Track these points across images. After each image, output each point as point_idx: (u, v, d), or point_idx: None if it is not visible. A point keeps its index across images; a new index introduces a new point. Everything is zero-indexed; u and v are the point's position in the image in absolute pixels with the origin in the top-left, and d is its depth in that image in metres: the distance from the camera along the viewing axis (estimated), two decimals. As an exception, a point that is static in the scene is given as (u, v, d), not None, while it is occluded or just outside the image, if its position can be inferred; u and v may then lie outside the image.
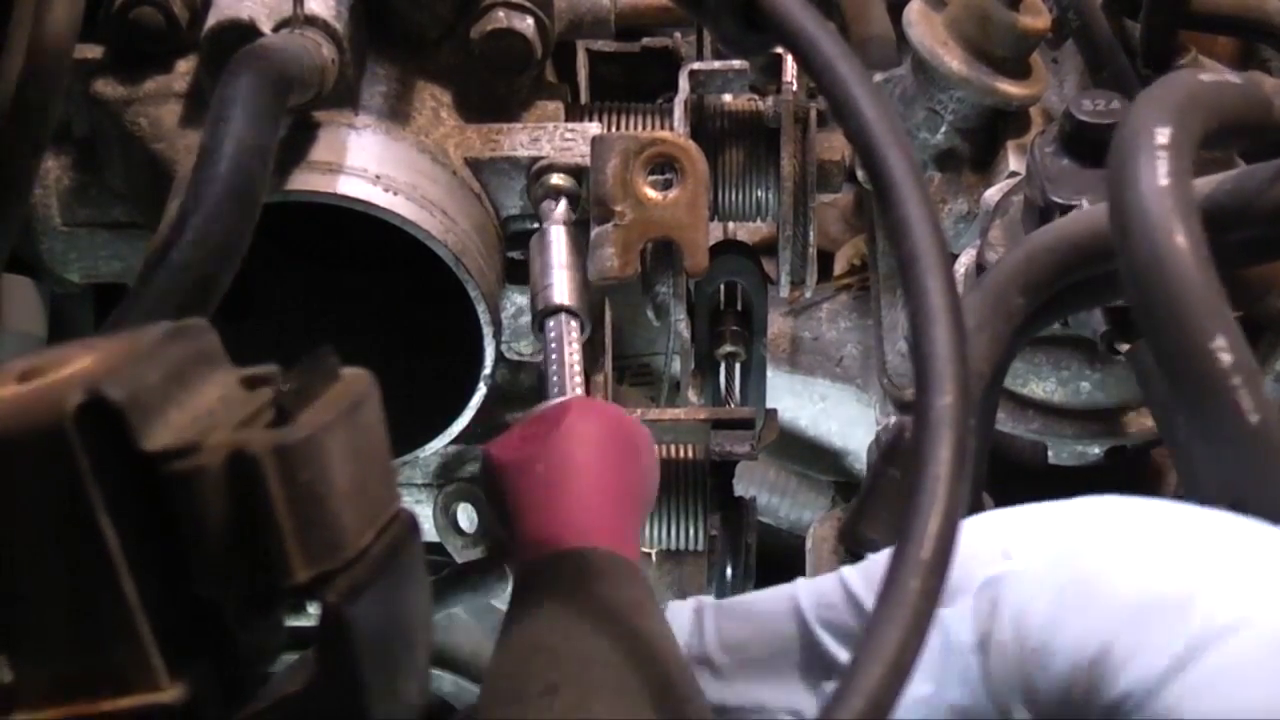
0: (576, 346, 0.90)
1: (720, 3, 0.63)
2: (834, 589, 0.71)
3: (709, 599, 0.76)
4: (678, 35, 1.15)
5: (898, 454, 0.81)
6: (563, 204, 0.96)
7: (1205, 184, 0.79)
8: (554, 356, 0.89)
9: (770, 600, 0.74)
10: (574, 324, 0.91)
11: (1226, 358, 0.66)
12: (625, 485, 0.78)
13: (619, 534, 0.74)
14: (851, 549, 0.82)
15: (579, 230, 0.97)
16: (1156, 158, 0.69)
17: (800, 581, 0.74)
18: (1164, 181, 0.69)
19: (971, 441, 0.54)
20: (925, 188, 0.58)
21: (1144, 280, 0.67)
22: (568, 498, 0.75)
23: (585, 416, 0.80)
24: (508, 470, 0.79)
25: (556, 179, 0.97)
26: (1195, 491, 0.70)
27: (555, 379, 0.89)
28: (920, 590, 0.49)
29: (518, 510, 0.77)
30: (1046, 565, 0.62)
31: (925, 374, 0.53)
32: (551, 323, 0.91)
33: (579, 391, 0.88)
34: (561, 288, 0.92)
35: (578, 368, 0.89)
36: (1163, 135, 0.70)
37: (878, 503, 0.81)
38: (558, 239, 0.94)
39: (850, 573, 0.71)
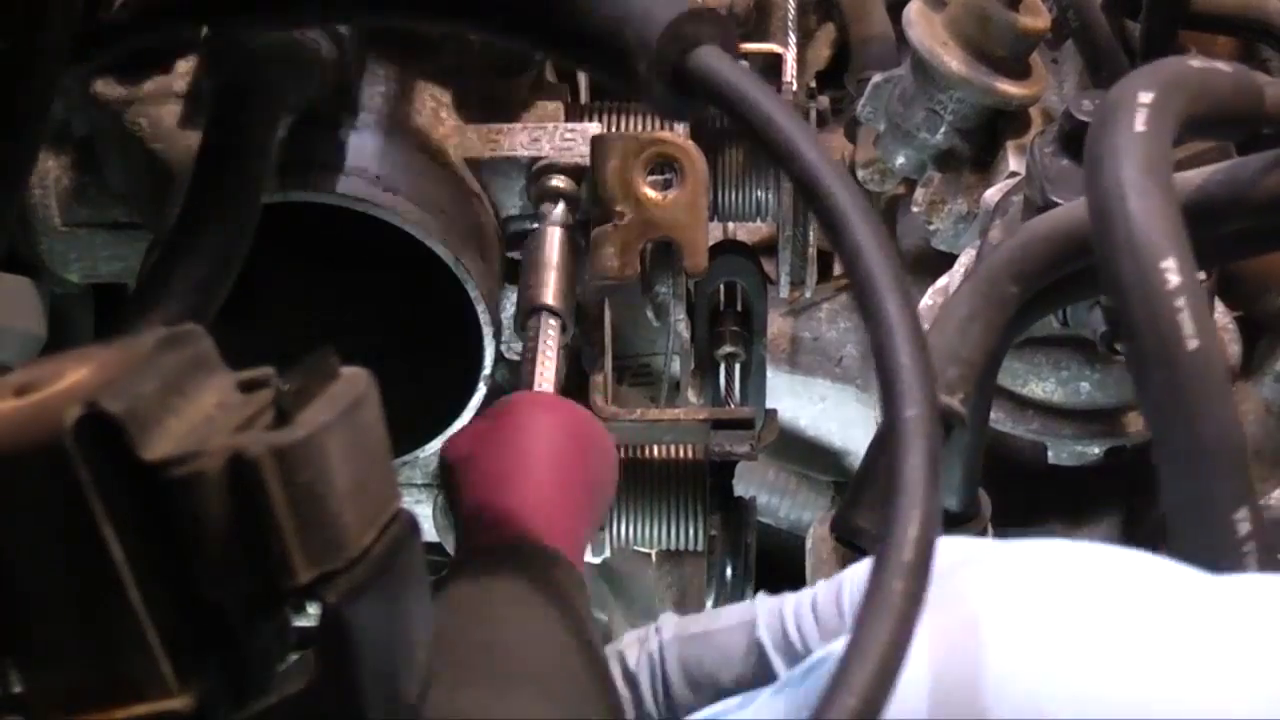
0: (554, 346, 0.90)
1: (649, 73, 0.63)
2: (799, 609, 0.70)
3: (665, 631, 0.73)
4: (678, 35, 1.15)
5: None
6: (561, 206, 0.97)
7: (1198, 175, 0.80)
8: (532, 355, 0.90)
9: (729, 628, 0.71)
10: (555, 323, 0.91)
11: (1174, 279, 0.66)
12: (571, 481, 0.77)
13: (558, 529, 0.74)
14: (843, 538, 0.82)
15: (579, 230, 0.98)
16: (1136, 111, 0.70)
17: (760, 601, 0.72)
18: (1140, 128, 0.69)
19: (941, 448, 0.54)
20: (871, 214, 0.59)
21: (1107, 207, 0.68)
22: (506, 494, 0.75)
23: (535, 413, 0.80)
24: (455, 465, 0.79)
25: (556, 181, 0.97)
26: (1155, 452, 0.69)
27: (531, 377, 0.89)
28: (904, 591, 0.49)
29: (461, 504, 0.77)
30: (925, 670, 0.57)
31: (892, 389, 0.54)
32: (533, 321, 0.91)
33: (556, 388, 0.89)
34: (547, 287, 0.92)
35: (553, 366, 0.89)
36: (1145, 97, 0.71)
37: (870, 492, 0.81)
38: (551, 240, 0.94)
39: (822, 589, 0.70)
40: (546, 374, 0.89)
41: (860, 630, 0.49)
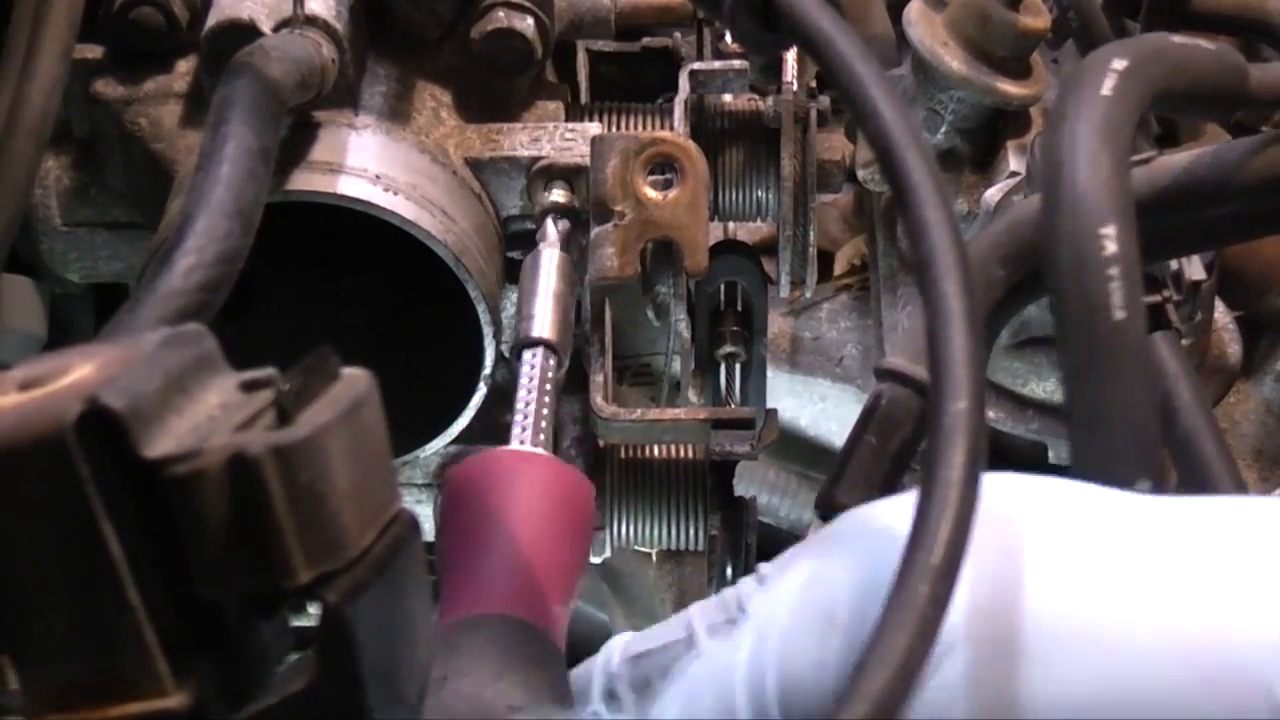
0: (547, 384, 0.88)
1: (736, 3, 0.63)
2: (744, 591, 0.66)
3: (617, 654, 0.70)
4: (678, 35, 1.15)
5: (874, 420, 0.81)
6: (560, 224, 0.96)
7: (1185, 157, 0.79)
8: (525, 393, 0.88)
9: (670, 644, 0.67)
10: (550, 360, 0.89)
11: (1111, 246, 0.65)
12: (547, 550, 0.74)
13: (531, 600, 0.72)
14: (826, 516, 0.82)
15: (580, 230, 0.97)
16: (1105, 76, 0.70)
17: (695, 606, 0.68)
18: (1105, 93, 0.69)
19: (985, 446, 0.53)
20: (944, 188, 0.57)
21: (1056, 164, 0.67)
22: (477, 565, 0.73)
23: (511, 475, 0.78)
24: (444, 522, 0.77)
25: (556, 195, 0.97)
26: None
27: (522, 418, 0.86)
28: (929, 595, 0.48)
29: (443, 565, 0.75)
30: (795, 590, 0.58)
31: (940, 378, 0.53)
32: (527, 355, 0.90)
33: (542, 434, 0.86)
34: (543, 320, 0.90)
35: (546, 408, 0.87)
36: (1118, 64, 0.71)
37: (854, 469, 0.80)
38: (549, 265, 0.93)
39: (765, 569, 0.67)
40: (539, 418, 0.86)
41: (881, 632, 0.48)
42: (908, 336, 0.87)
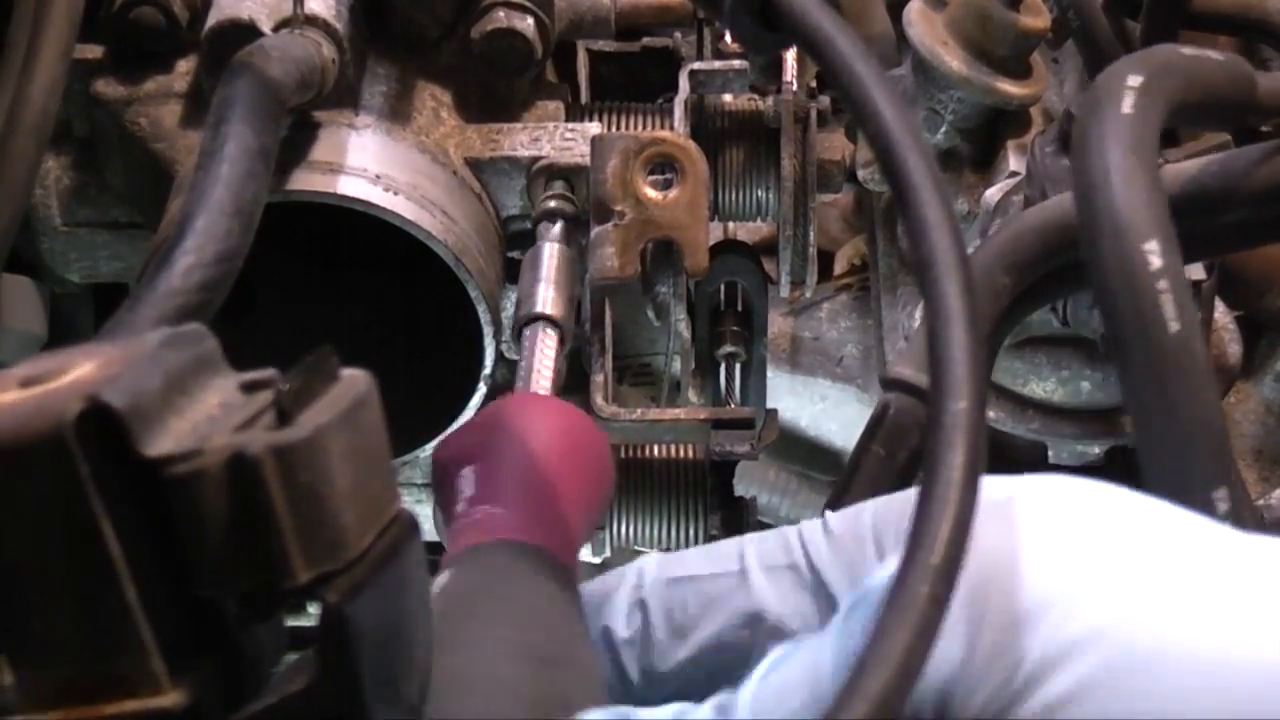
0: (551, 355, 0.89)
1: (736, 3, 0.63)
2: (806, 534, 0.66)
3: (648, 575, 0.70)
4: (678, 35, 1.15)
5: (881, 431, 0.81)
6: (559, 225, 0.96)
7: (1193, 165, 0.80)
8: (527, 363, 0.89)
9: (716, 575, 0.68)
10: (552, 333, 0.90)
11: (1156, 261, 0.65)
12: (561, 481, 0.75)
13: (546, 529, 0.72)
14: None
15: (580, 229, 0.98)
16: (1124, 94, 0.70)
17: (749, 543, 0.68)
18: (1127, 111, 0.69)
19: (985, 445, 0.53)
20: (944, 189, 0.57)
21: (1091, 188, 0.68)
22: (492, 496, 0.73)
23: (523, 414, 0.78)
24: (443, 470, 0.77)
25: (554, 202, 0.97)
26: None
27: (527, 378, 0.88)
28: (929, 595, 0.48)
29: (449, 508, 0.75)
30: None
31: (941, 378, 0.53)
32: (529, 330, 0.91)
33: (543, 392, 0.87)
34: (544, 298, 0.91)
35: (549, 372, 0.88)
36: (1134, 80, 0.71)
37: (861, 480, 0.80)
38: (549, 256, 0.94)
39: (835, 515, 0.67)
40: (543, 378, 0.88)
41: (880, 633, 0.48)
42: (913, 345, 0.87)
